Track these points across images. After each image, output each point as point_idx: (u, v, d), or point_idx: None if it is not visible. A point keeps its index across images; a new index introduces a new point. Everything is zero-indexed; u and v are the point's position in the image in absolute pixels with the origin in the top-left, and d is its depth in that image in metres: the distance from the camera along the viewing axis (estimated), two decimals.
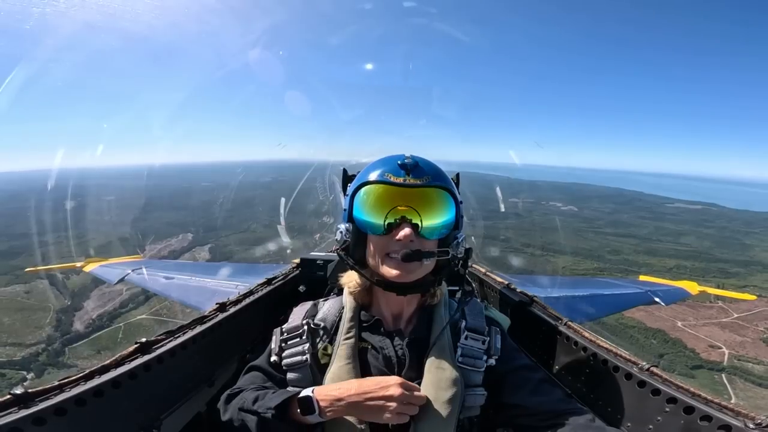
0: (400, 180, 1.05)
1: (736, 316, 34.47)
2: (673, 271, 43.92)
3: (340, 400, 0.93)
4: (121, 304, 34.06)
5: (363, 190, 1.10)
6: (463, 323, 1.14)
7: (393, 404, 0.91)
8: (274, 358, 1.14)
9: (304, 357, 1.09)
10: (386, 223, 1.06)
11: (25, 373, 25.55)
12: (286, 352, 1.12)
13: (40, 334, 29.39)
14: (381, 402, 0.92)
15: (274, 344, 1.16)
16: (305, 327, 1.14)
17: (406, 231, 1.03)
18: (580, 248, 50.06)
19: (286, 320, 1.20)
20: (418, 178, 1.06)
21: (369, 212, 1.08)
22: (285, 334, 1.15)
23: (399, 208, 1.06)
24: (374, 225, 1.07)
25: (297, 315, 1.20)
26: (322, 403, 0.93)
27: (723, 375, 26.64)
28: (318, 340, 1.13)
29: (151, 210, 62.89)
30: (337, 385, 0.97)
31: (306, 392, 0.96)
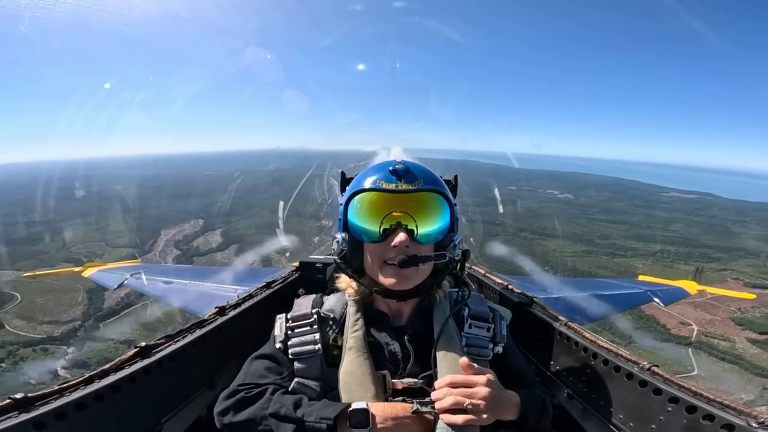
0: (393, 186, 1.07)
1: (710, 296, 36.25)
2: (657, 255, 46.22)
3: (395, 417, 0.93)
4: None
5: (356, 198, 1.12)
6: (466, 311, 1.16)
7: None
8: (278, 345, 1.11)
9: (316, 347, 1.08)
10: (381, 229, 1.07)
11: (65, 347, 27.83)
12: (294, 340, 1.10)
13: (74, 312, 31.66)
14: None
15: (278, 331, 1.13)
16: (315, 316, 1.13)
17: (401, 237, 1.04)
18: (571, 233, 51.87)
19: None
20: (411, 183, 1.08)
21: (363, 220, 1.10)
22: (291, 321, 1.14)
23: (393, 214, 1.07)
24: (369, 232, 1.09)
25: (304, 304, 1.19)
26: (377, 418, 0.92)
27: (689, 349, 28.59)
28: (328, 329, 1.14)
29: (160, 198, 64.93)
30: (391, 405, 0.97)
31: (360, 405, 0.94)
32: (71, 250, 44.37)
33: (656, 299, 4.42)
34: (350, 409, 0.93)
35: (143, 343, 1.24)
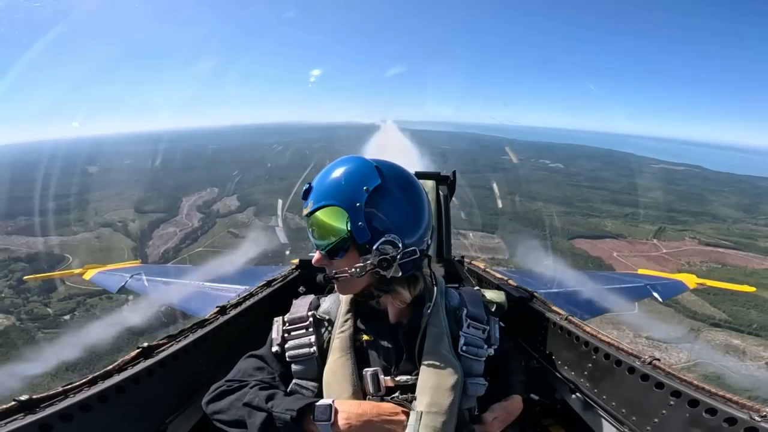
0: (304, 210, 1.12)
1: (664, 251, 41.54)
2: (628, 217, 50.59)
3: (360, 415, 0.96)
4: (180, 240, 42.24)
5: None
6: (464, 311, 1.17)
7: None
8: (275, 348, 1.15)
9: (311, 349, 1.11)
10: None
11: (125, 296, 30.51)
12: (290, 343, 1.14)
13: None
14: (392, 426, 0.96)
15: (275, 334, 1.17)
16: (311, 318, 1.16)
17: (315, 257, 1.13)
18: (554, 196, 55.90)
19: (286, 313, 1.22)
20: (306, 204, 1.10)
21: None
22: (287, 324, 1.17)
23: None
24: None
25: (301, 306, 1.22)
26: (340, 414, 0.95)
27: None
28: (324, 331, 1.17)
29: (171, 170, 68.16)
30: (358, 402, 1.01)
31: (326, 401, 0.97)
32: (104, 217, 48.22)
33: (655, 293, 4.42)
34: (316, 403, 0.97)
35: (145, 344, 1.27)
